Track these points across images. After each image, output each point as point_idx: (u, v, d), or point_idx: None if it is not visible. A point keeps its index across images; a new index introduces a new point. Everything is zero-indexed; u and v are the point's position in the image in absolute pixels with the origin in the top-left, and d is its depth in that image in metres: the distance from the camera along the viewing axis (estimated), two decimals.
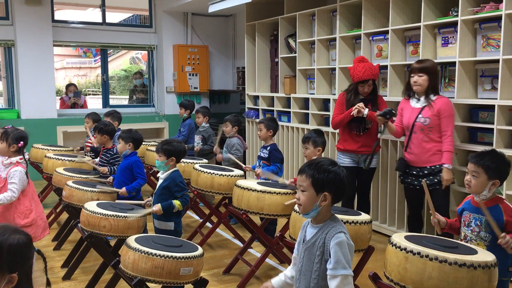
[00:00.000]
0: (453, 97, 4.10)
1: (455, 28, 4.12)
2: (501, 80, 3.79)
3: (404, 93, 4.07)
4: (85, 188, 3.83)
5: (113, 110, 5.88)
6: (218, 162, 5.37)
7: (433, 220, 2.66)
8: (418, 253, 2.14)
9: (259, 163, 4.56)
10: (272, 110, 6.43)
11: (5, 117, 7.15)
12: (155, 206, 3.30)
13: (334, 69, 5.40)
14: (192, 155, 5.58)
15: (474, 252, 2.22)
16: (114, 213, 3.15)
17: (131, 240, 2.70)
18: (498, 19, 3.83)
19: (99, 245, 3.34)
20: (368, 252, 3.14)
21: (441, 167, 3.79)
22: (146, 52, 8.78)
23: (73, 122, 7.61)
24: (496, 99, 3.82)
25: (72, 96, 8.13)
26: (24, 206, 3.57)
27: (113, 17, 11.39)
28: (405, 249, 2.19)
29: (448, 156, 3.77)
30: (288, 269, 2.20)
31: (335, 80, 5.37)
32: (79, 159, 5.00)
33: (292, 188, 3.71)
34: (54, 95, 7.68)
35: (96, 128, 4.65)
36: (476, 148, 3.84)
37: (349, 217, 3.00)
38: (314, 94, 5.67)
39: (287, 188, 3.67)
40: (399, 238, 2.29)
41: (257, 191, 3.58)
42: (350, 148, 4.34)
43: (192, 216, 5.58)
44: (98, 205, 3.29)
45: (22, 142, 3.62)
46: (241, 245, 4.28)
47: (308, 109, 5.77)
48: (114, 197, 3.91)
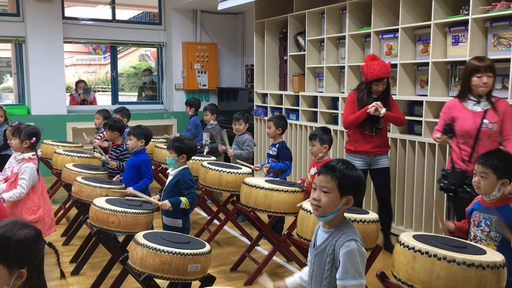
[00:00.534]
0: None
1: (466, 27, 4.09)
2: None
3: (460, 95, 3.48)
4: (94, 184, 3.85)
5: (122, 107, 5.92)
6: (229, 157, 5.34)
7: (442, 228, 2.68)
8: (426, 253, 2.14)
9: (268, 161, 4.56)
10: (281, 108, 6.42)
11: (16, 113, 7.20)
12: (164, 203, 3.30)
13: (343, 67, 5.38)
14: (201, 153, 5.59)
15: (483, 252, 2.21)
16: (123, 209, 3.18)
17: (139, 236, 2.71)
18: (510, 18, 3.80)
19: (108, 241, 3.37)
20: (376, 251, 3.14)
21: None
22: (155, 49, 8.81)
23: (83, 119, 7.66)
24: (507, 98, 3.79)
25: (82, 93, 8.20)
26: (33, 202, 3.60)
27: (123, 14, 11.42)
28: (413, 249, 2.18)
29: None
30: (304, 272, 2.13)
31: (344, 79, 5.35)
32: (90, 153, 5.04)
33: (300, 187, 3.71)
34: (64, 92, 7.74)
35: (106, 125, 4.67)
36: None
37: (357, 216, 3.00)
38: (323, 92, 5.66)
39: (295, 186, 3.66)
40: (407, 237, 2.28)
41: (265, 189, 3.58)
42: (362, 149, 4.21)
43: (200, 213, 5.59)
44: (107, 201, 3.32)
45: (35, 138, 3.65)
46: (249, 243, 4.28)
47: (317, 107, 5.76)
48: (123, 193, 3.93)
